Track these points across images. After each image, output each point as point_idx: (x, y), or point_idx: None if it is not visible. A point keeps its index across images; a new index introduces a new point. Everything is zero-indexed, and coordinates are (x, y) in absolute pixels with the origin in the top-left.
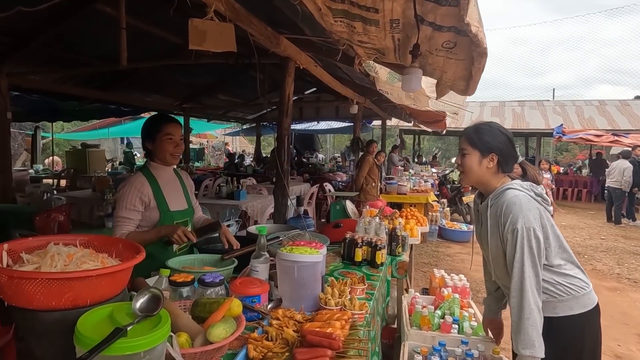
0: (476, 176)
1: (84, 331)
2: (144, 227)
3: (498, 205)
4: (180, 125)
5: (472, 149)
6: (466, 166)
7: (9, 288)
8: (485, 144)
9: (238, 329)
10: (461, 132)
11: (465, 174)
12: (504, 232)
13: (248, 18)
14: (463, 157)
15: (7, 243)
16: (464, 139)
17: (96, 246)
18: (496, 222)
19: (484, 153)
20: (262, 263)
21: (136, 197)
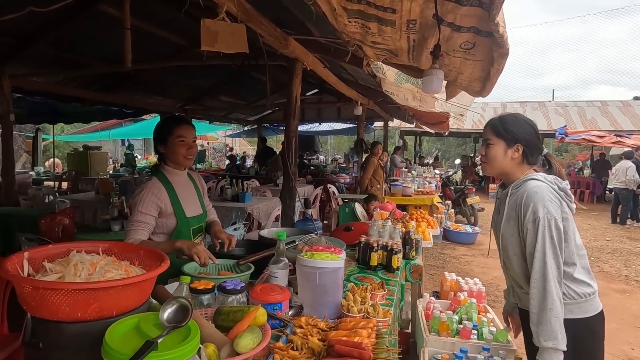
0: (500, 166)
1: (113, 344)
2: (159, 234)
3: (518, 194)
4: (192, 127)
5: (497, 139)
6: (490, 156)
7: (32, 299)
8: (511, 134)
9: (264, 338)
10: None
11: (489, 164)
12: (524, 222)
13: (258, 19)
14: (487, 147)
15: (28, 251)
16: (489, 129)
17: (117, 253)
18: (514, 211)
19: (509, 143)
20: (281, 269)
21: (153, 203)
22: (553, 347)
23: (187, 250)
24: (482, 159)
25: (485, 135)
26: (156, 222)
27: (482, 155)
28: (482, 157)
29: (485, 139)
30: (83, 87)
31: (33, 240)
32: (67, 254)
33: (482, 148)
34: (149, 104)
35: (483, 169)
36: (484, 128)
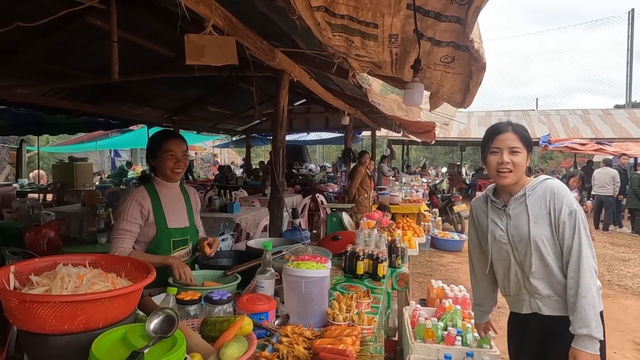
0: (521, 175)
1: (99, 356)
2: (140, 242)
3: (540, 193)
4: (182, 141)
5: (523, 146)
6: (518, 164)
7: (19, 312)
8: (530, 142)
9: (250, 347)
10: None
11: (516, 172)
12: (559, 217)
13: (245, 32)
14: (515, 155)
15: (14, 264)
16: (516, 137)
17: (104, 266)
18: (543, 209)
19: (529, 150)
20: (268, 279)
21: (137, 210)
22: (588, 335)
23: (174, 268)
24: (506, 167)
25: (510, 143)
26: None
27: (506, 162)
28: (506, 165)
29: (512, 147)
30: (69, 98)
31: (17, 254)
32: (53, 267)
33: (503, 155)
34: (136, 115)
35: (505, 178)
36: (504, 135)
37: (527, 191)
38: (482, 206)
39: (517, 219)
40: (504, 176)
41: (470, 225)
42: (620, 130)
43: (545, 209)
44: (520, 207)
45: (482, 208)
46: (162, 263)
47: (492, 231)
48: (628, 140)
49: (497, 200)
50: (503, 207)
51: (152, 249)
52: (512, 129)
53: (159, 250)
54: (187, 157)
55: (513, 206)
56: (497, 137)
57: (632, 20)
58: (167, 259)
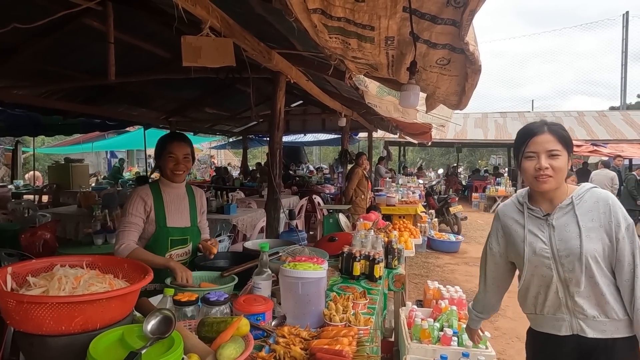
0: (561, 180)
1: (97, 357)
2: (141, 237)
3: (589, 202)
4: (185, 143)
5: (563, 148)
6: (559, 168)
7: (17, 313)
8: (570, 142)
9: (247, 348)
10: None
11: (556, 177)
12: (618, 231)
13: (242, 34)
14: (554, 159)
15: (11, 266)
16: (554, 138)
17: (101, 267)
18: (598, 221)
19: (569, 152)
20: (264, 280)
21: (141, 205)
22: None
23: (177, 271)
24: (545, 173)
25: (548, 146)
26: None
27: (544, 168)
28: (546, 171)
29: (550, 150)
30: (66, 99)
31: (13, 255)
32: (50, 268)
33: (541, 160)
34: (132, 116)
35: (544, 183)
36: (540, 137)
37: (574, 200)
38: (515, 215)
39: (563, 230)
40: (543, 181)
41: (493, 234)
42: (615, 131)
43: (598, 222)
44: (567, 217)
45: (514, 217)
46: (165, 265)
47: (531, 243)
48: (623, 141)
49: (535, 208)
50: (544, 216)
51: (150, 245)
52: (549, 129)
53: (156, 247)
54: (190, 159)
55: (557, 215)
56: (531, 140)
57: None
58: (169, 262)
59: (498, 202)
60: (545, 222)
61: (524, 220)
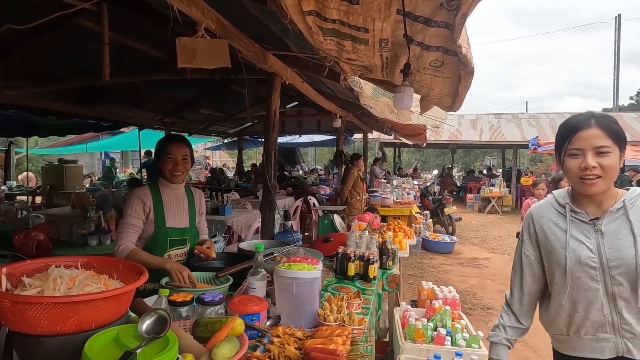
0: (612, 180)
1: (92, 356)
2: (140, 238)
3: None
4: (183, 145)
5: (614, 144)
6: (609, 168)
7: (11, 313)
8: (622, 137)
9: (242, 348)
10: (581, 124)
11: (607, 178)
12: None
13: (237, 35)
14: (603, 156)
15: (6, 266)
16: (603, 133)
17: (96, 267)
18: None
19: (621, 148)
20: (259, 280)
21: (139, 206)
22: None
23: (174, 273)
24: (593, 172)
25: (596, 142)
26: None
27: (591, 168)
28: (593, 171)
29: (599, 147)
30: (59, 100)
31: (7, 256)
32: (45, 269)
33: (587, 159)
34: (127, 117)
35: (592, 186)
36: (587, 131)
37: (627, 204)
38: (554, 217)
39: (615, 237)
40: (591, 183)
41: (526, 238)
42: None
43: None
44: (619, 223)
45: (554, 219)
46: (161, 267)
47: (575, 250)
48: None
49: (580, 211)
50: (591, 220)
51: (149, 246)
52: (597, 122)
53: (155, 247)
54: (189, 161)
55: (607, 220)
56: (576, 135)
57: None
58: (166, 264)
59: (492, 203)
60: (593, 227)
61: (566, 224)
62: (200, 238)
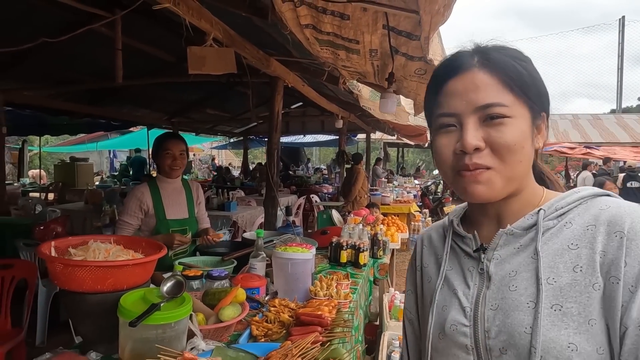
0: (521, 173)
1: (126, 306)
2: (144, 230)
3: (577, 227)
4: (180, 141)
5: (519, 99)
6: (510, 147)
7: (63, 274)
8: (537, 87)
9: (243, 311)
10: (457, 64)
11: (502, 169)
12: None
13: (242, 43)
14: (497, 126)
15: (54, 241)
16: (496, 79)
17: (124, 244)
18: (589, 269)
19: (536, 109)
20: (259, 261)
21: (136, 205)
22: None
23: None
24: (474, 161)
25: (480, 97)
26: (142, 221)
27: (470, 149)
28: (474, 156)
29: (486, 107)
30: (72, 100)
31: (31, 245)
32: (85, 243)
33: (466, 133)
34: (136, 117)
35: (477, 185)
36: (463, 76)
37: (541, 220)
38: (439, 246)
39: (506, 287)
40: (472, 179)
41: (408, 275)
42: (608, 134)
43: (589, 275)
44: (521, 258)
45: (438, 251)
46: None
47: (442, 310)
48: (615, 144)
49: (467, 235)
50: (476, 251)
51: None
52: (483, 60)
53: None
54: (186, 156)
55: (503, 252)
56: (446, 86)
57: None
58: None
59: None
60: (477, 265)
61: (444, 254)
62: (202, 227)
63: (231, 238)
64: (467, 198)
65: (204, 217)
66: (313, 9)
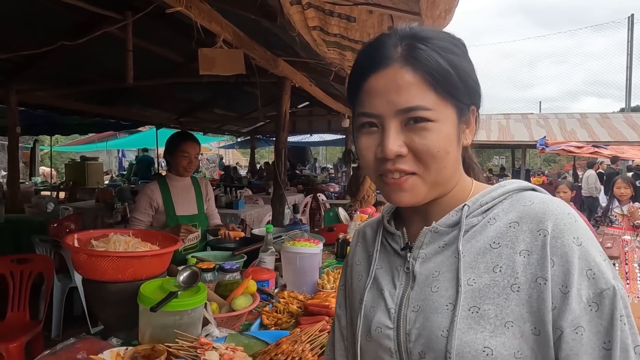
0: (446, 176)
1: (146, 294)
2: (155, 227)
3: (501, 224)
4: (197, 144)
5: (444, 100)
6: (433, 154)
7: (87, 264)
8: (465, 79)
9: (254, 301)
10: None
11: (426, 175)
12: (563, 302)
13: (251, 44)
14: (420, 131)
15: (77, 233)
16: (419, 77)
17: (142, 236)
18: (509, 269)
19: (462, 107)
20: (269, 255)
21: (146, 202)
22: None
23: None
24: (397, 167)
25: (401, 99)
26: (152, 218)
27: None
28: (397, 162)
29: (408, 110)
30: (83, 100)
31: (46, 241)
32: (105, 236)
33: (387, 138)
34: (145, 117)
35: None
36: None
37: (464, 216)
38: (371, 240)
39: (428, 288)
40: (395, 186)
41: (342, 271)
42: (617, 133)
43: (509, 276)
44: (443, 257)
45: (368, 246)
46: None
47: (369, 311)
48: (624, 143)
49: (397, 232)
50: (404, 249)
51: None
52: (407, 52)
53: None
54: (198, 157)
55: (428, 251)
56: (366, 83)
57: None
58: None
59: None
60: (404, 263)
61: (375, 252)
62: (215, 222)
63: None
64: (392, 204)
65: (214, 213)
66: (320, 12)
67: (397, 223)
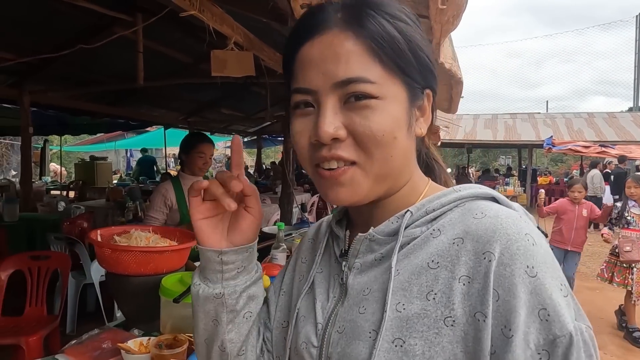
0: (397, 168)
1: (168, 286)
2: (170, 224)
3: (449, 237)
4: (212, 145)
5: (392, 73)
6: (377, 138)
7: (110, 258)
8: (417, 55)
9: None
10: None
11: (369, 165)
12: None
13: (261, 46)
14: (362, 110)
15: (99, 230)
16: (363, 45)
17: (161, 233)
18: (444, 295)
19: (415, 91)
20: (280, 252)
21: (161, 201)
22: None
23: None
24: (332, 153)
25: (341, 70)
26: (167, 216)
27: (327, 138)
28: (333, 148)
29: (347, 82)
30: (93, 101)
31: (61, 239)
32: (127, 232)
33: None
34: (153, 117)
35: (338, 187)
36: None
37: (403, 225)
38: (322, 238)
39: (355, 307)
40: (333, 180)
41: (290, 259)
42: (624, 133)
43: (442, 307)
44: (376, 272)
45: (317, 245)
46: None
47: (301, 316)
48: (631, 143)
49: (339, 234)
50: (341, 256)
51: None
52: (347, 16)
53: None
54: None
55: (361, 262)
56: (300, 52)
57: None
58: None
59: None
60: (340, 272)
61: (317, 255)
62: None
63: None
64: (329, 202)
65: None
66: None
67: (348, 225)
